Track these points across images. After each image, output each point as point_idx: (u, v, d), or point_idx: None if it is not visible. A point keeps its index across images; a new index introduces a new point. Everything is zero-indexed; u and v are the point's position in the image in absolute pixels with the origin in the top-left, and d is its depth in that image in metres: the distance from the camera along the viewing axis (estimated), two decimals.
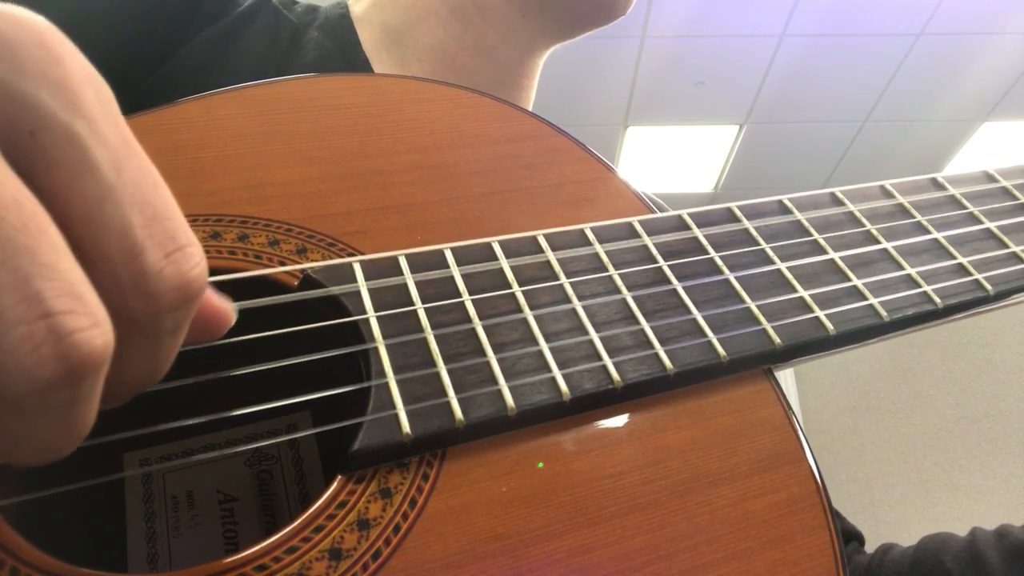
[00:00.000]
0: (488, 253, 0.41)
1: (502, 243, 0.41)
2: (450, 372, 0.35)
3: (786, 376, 3.34)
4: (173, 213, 0.23)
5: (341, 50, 0.65)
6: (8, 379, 0.19)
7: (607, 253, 0.42)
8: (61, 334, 0.19)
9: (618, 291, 0.40)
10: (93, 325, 0.20)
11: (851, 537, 0.62)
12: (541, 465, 0.35)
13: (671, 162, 4.22)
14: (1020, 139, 3.98)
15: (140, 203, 0.22)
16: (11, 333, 0.19)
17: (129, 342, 0.22)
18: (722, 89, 3.62)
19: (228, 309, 0.27)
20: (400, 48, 0.66)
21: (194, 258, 0.23)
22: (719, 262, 0.43)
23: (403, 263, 0.39)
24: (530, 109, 0.72)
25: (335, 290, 0.37)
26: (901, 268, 0.45)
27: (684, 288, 0.41)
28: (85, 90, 0.22)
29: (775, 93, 3.63)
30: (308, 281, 0.37)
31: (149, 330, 0.23)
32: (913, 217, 0.49)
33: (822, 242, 0.46)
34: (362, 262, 0.38)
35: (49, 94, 0.21)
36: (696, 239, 0.44)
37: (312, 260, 0.39)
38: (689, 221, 0.45)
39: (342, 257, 0.39)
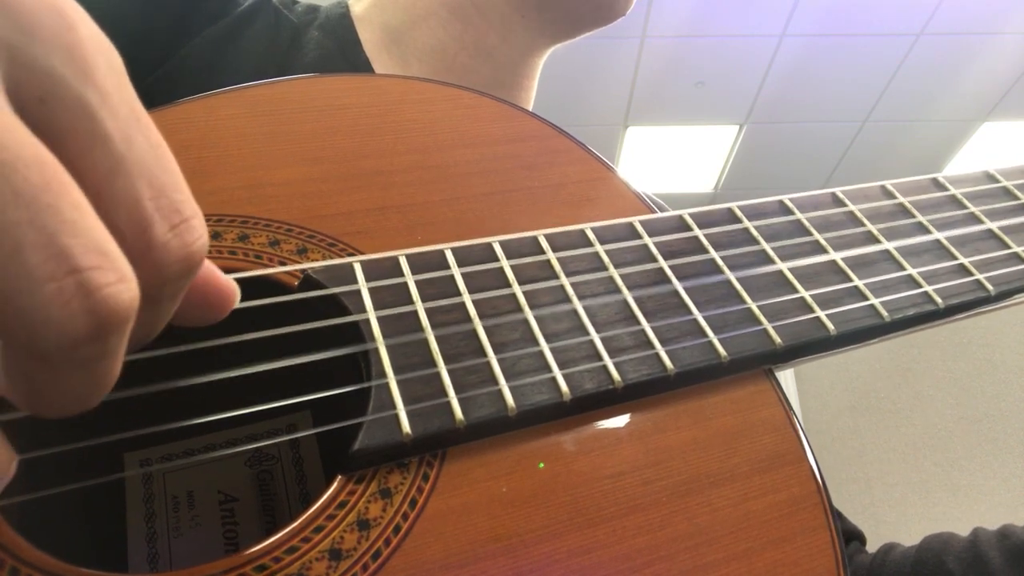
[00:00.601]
0: (489, 253, 0.40)
1: (503, 243, 0.41)
2: (450, 372, 0.35)
3: (786, 376, 3.34)
4: (179, 185, 0.23)
5: (341, 50, 0.65)
6: (39, 335, 0.19)
7: (608, 253, 0.42)
8: (90, 289, 0.19)
9: (619, 291, 0.40)
10: (120, 280, 0.20)
11: (852, 537, 0.62)
12: (542, 465, 0.35)
13: (671, 162, 4.22)
14: (1020, 139, 3.98)
15: (148, 176, 0.22)
16: (41, 290, 0.19)
17: None
18: (722, 89, 3.62)
19: (234, 288, 0.27)
20: (400, 48, 0.66)
21: (197, 230, 0.23)
22: (720, 262, 0.43)
23: (404, 263, 0.39)
24: (530, 109, 0.72)
25: (336, 290, 0.37)
26: (902, 268, 0.45)
27: (685, 288, 0.41)
28: (97, 59, 0.21)
29: (775, 93, 3.63)
30: (308, 281, 0.37)
31: (151, 297, 0.23)
32: (914, 217, 0.49)
33: (823, 242, 0.46)
34: (363, 262, 0.38)
35: (61, 60, 0.21)
36: (697, 239, 0.44)
37: (312, 260, 0.39)
38: (690, 221, 0.45)
39: (343, 257, 0.39)
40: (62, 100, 0.21)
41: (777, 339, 0.40)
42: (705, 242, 0.44)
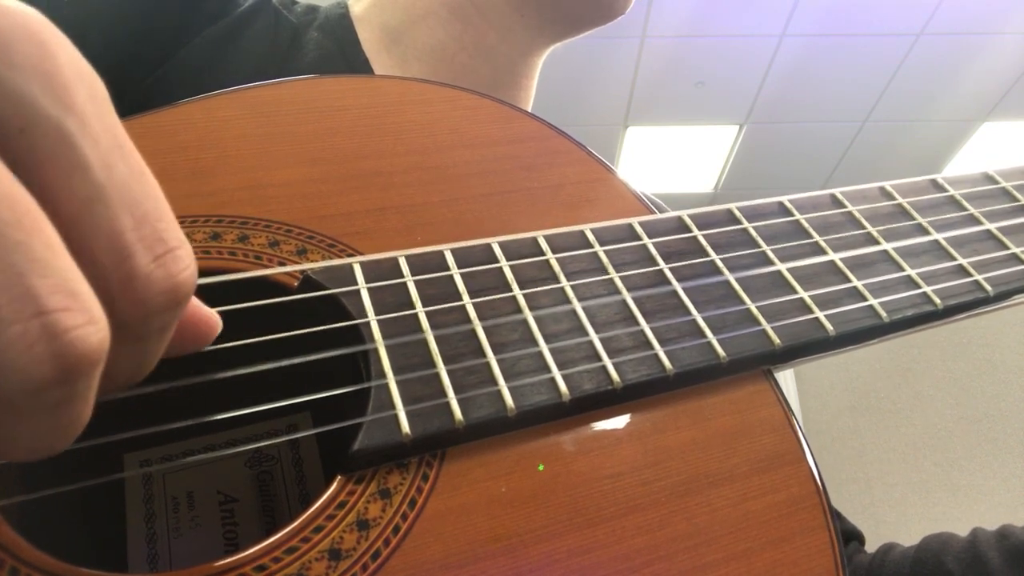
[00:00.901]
0: (488, 254, 0.41)
1: (502, 244, 0.41)
2: (450, 373, 0.35)
3: (786, 376, 3.34)
4: (163, 214, 0.22)
5: (341, 50, 0.65)
6: (2, 378, 0.19)
7: (607, 254, 0.42)
8: (56, 332, 0.19)
9: (618, 292, 0.40)
10: (88, 322, 0.20)
11: (851, 537, 0.62)
12: (542, 467, 0.35)
13: (671, 162, 4.22)
14: (1020, 139, 3.98)
15: (130, 204, 0.22)
16: (4, 332, 0.18)
17: (116, 342, 0.22)
18: (722, 89, 3.62)
19: (215, 317, 0.27)
20: (400, 48, 0.66)
21: (183, 260, 0.23)
22: (719, 263, 0.43)
23: (403, 264, 0.39)
24: (530, 109, 0.72)
25: (335, 291, 0.37)
26: (901, 269, 0.45)
27: (684, 289, 0.41)
28: (77, 86, 0.21)
29: (775, 93, 3.63)
30: (308, 282, 0.37)
31: (137, 331, 0.23)
32: (913, 218, 0.49)
33: (822, 243, 0.46)
34: (362, 263, 0.38)
35: (40, 89, 0.20)
36: (696, 240, 0.44)
37: (312, 261, 0.39)
38: (689, 222, 0.45)
39: (342, 258, 0.39)
40: (42, 129, 0.20)
41: (776, 340, 0.40)
42: (704, 243, 0.44)
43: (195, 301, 0.26)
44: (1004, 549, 0.52)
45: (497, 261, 0.40)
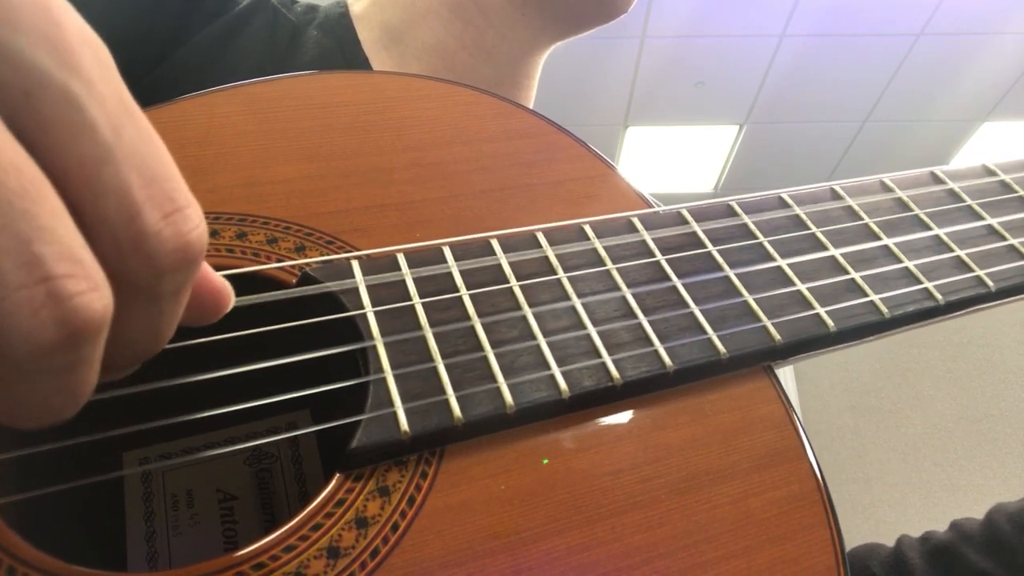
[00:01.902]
0: (487, 249, 0.40)
1: (501, 239, 0.41)
2: (448, 370, 0.35)
3: (786, 375, 3.34)
4: (172, 174, 0.23)
5: (340, 49, 0.64)
6: (8, 342, 0.19)
7: (606, 249, 0.42)
8: (60, 298, 0.19)
9: (617, 288, 0.40)
10: (92, 288, 0.20)
11: None
12: (546, 462, 0.34)
13: (671, 162, 4.22)
14: (1020, 139, 3.98)
15: (138, 165, 0.22)
16: (10, 297, 0.19)
17: (130, 306, 0.22)
18: (722, 89, 3.62)
19: (227, 289, 0.27)
20: (400, 47, 0.66)
21: (192, 219, 0.23)
22: (719, 258, 0.43)
23: (401, 260, 0.39)
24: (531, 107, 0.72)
25: (333, 287, 0.37)
26: (902, 264, 0.45)
27: (683, 285, 0.41)
28: (82, 50, 0.21)
29: (775, 93, 3.63)
30: (306, 278, 0.37)
31: (149, 293, 0.23)
32: (913, 212, 0.49)
33: (822, 238, 0.46)
34: (360, 259, 0.38)
35: (45, 53, 0.20)
36: (695, 234, 0.44)
37: (310, 258, 0.39)
38: (688, 216, 0.45)
39: (340, 254, 0.39)
40: (48, 93, 0.20)
41: (776, 336, 0.40)
42: (703, 237, 0.44)
43: (208, 271, 0.26)
44: (924, 551, 0.55)
45: (496, 256, 0.40)
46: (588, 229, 0.43)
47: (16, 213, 0.19)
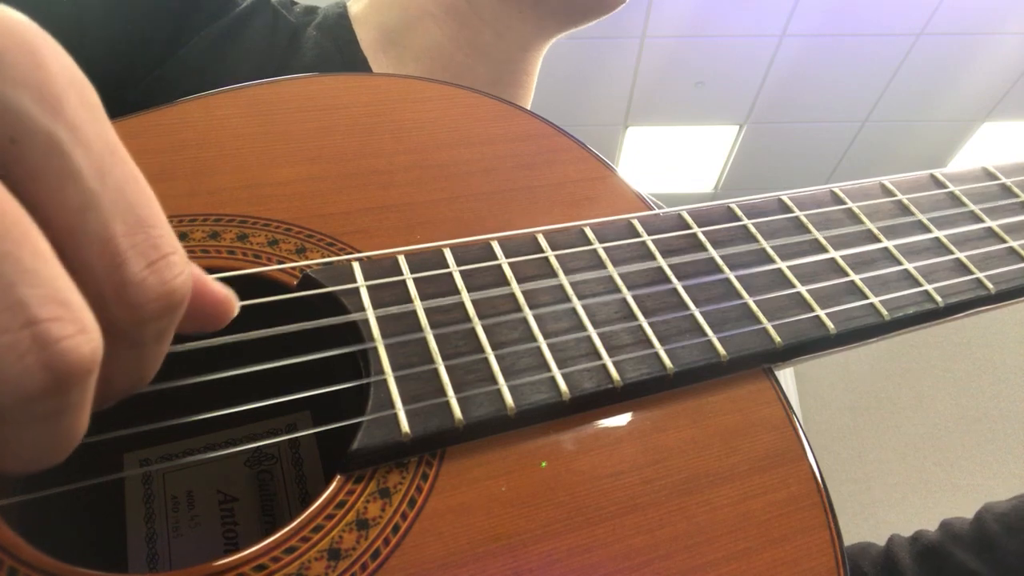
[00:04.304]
0: (487, 252, 0.40)
1: (501, 242, 0.41)
2: (449, 371, 0.35)
3: (786, 376, 3.34)
4: (157, 220, 0.22)
5: (339, 50, 0.64)
6: None
7: (606, 251, 0.42)
8: (46, 342, 0.19)
9: (618, 290, 0.40)
10: (80, 331, 0.19)
11: None
12: (544, 464, 0.35)
13: (671, 162, 4.21)
14: (1020, 139, 3.98)
15: (123, 211, 0.21)
16: None
17: (114, 349, 0.22)
18: (722, 89, 3.62)
19: (230, 297, 0.27)
20: (397, 49, 0.66)
21: (177, 266, 0.22)
22: (719, 261, 0.43)
23: (402, 262, 0.39)
24: (529, 106, 0.72)
25: (334, 289, 0.37)
26: (901, 266, 0.45)
27: (684, 287, 0.41)
28: (68, 94, 0.21)
29: (775, 93, 3.63)
30: (307, 280, 0.37)
31: (133, 338, 0.23)
32: (913, 215, 0.49)
33: (822, 240, 0.46)
34: (361, 261, 0.38)
35: (31, 99, 0.20)
36: (696, 237, 0.44)
37: (311, 259, 0.39)
38: (689, 219, 0.45)
39: (341, 256, 0.39)
40: (32, 139, 0.20)
41: (777, 338, 0.40)
42: (704, 240, 0.44)
43: (209, 282, 0.26)
44: (915, 552, 0.55)
45: (496, 259, 0.40)
46: (589, 231, 0.43)
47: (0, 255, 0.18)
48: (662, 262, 0.42)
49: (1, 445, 0.21)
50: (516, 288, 0.39)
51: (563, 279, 0.40)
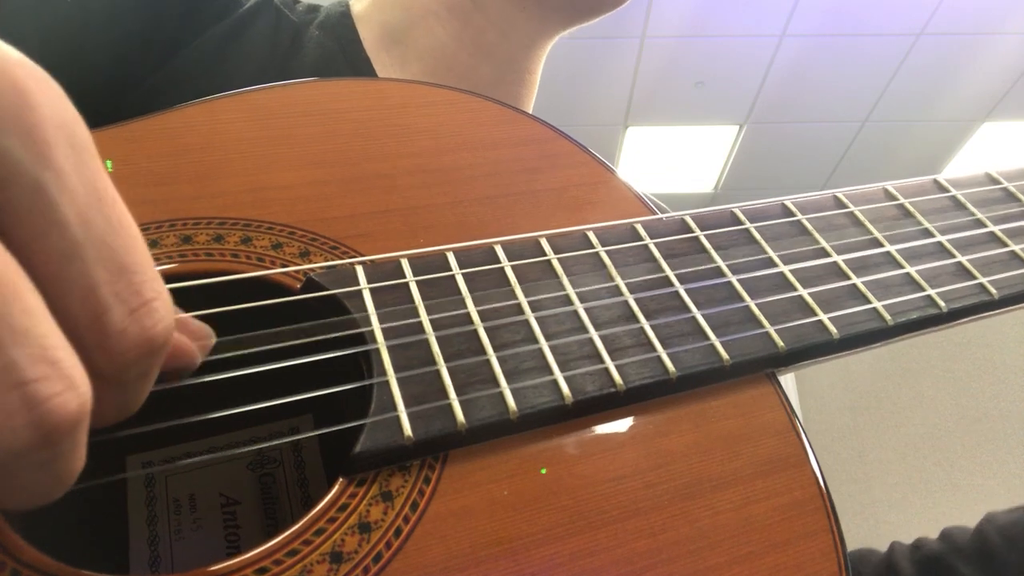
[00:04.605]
0: (490, 255, 0.40)
1: (504, 245, 0.41)
2: (452, 374, 0.35)
3: (786, 376, 3.33)
4: (140, 266, 0.22)
5: (342, 49, 0.64)
6: None
7: (609, 255, 0.42)
8: (35, 402, 0.19)
9: (620, 294, 0.40)
10: (67, 388, 0.20)
11: None
12: (544, 471, 0.35)
13: (671, 162, 4.22)
14: (1020, 139, 3.98)
15: (106, 257, 0.22)
16: None
17: (99, 389, 0.22)
18: (722, 89, 3.62)
19: (194, 351, 0.27)
20: (400, 48, 0.66)
21: (158, 312, 0.23)
22: (722, 265, 0.43)
23: (405, 265, 0.39)
24: (532, 105, 0.72)
25: (337, 292, 0.37)
26: (904, 271, 0.45)
27: (687, 291, 0.41)
28: (57, 138, 0.21)
29: (775, 93, 3.63)
30: (311, 283, 0.37)
31: (116, 380, 0.23)
32: (916, 220, 0.49)
33: (825, 245, 0.46)
34: (364, 264, 0.38)
35: (19, 143, 0.20)
36: (698, 241, 0.44)
37: (315, 262, 0.39)
38: (692, 224, 0.45)
39: (345, 260, 0.39)
40: (19, 185, 0.20)
41: (780, 342, 0.40)
42: (707, 244, 0.44)
43: (181, 325, 0.26)
44: (916, 560, 0.55)
45: (499, 262, 0.40)
46: (591, 235, 0.43)
47: None
48: (665, 266, 0.42)
49: (2, 490, 0.21)
50: (519, 291, 0.39)
51: (566, 282, 0.40)
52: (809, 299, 0.42)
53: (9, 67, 0.20)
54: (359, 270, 0.38)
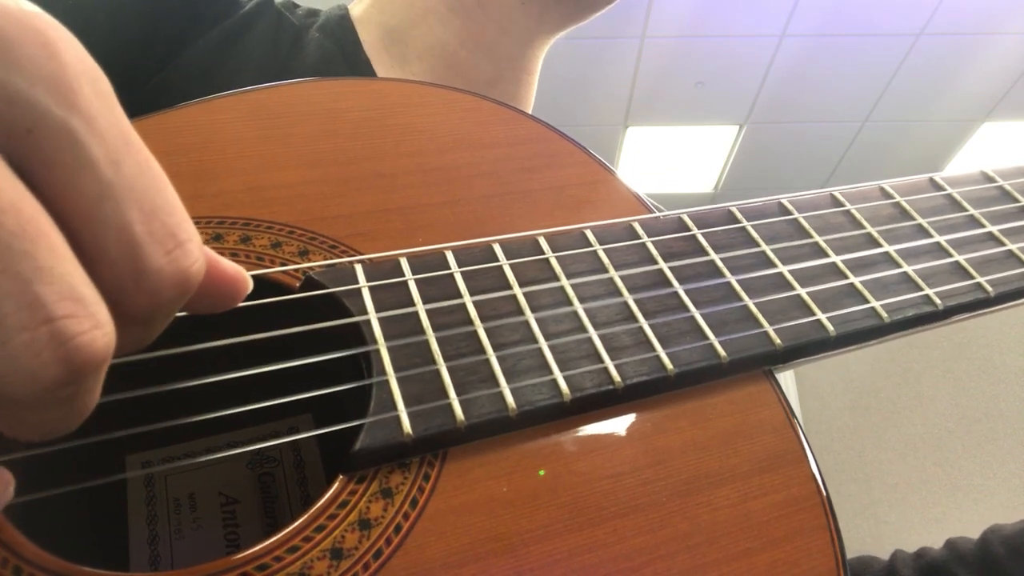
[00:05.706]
0: (489, 254, 0.41)
1: (503, 244, 0.41)
2: (451, 373, 0.35)
3: (786, 376, 3.34)
4: (173, 208, 0.23)
5: (342, 50, 0.65)
6: (11, 383, 0.19)
7: (607, 254, 0.42)
8: (63, 339, 0.19)
9: (619, 292, 0.41)
10: (94, 327, 0.20)
11: None
12: (542, 473, 0.35)
13: (671, 162, 4.21)
14: (1020, 139, 3.98)
15: (139, 199, 0.22)
16: (13, 340, 0.19)
17: (123, 326, 0.23)
18: (722, 89, 3.62)
19: (242, 276, 0.27)
20: (400, 47, 0.66)
21: (193, 254, 0.23)
22: (720, 264, 0.43)
23: (404, 264, 0.39)
24: (532, 104, 0.72)
25: (337, 291, 0.37)
26: (901, 269, 0.45)
27: (685, 290, 0.41)
28: (82, 84, 0.21)
29: (775, 93, 3.63)
30: (310, 282, 0.37)
31: (145, 320, 0.23)
32: (913, 218, 0.49)
33: (822, 244, 0.46)
34: (363, 263, 0.39)
35: (45, 90, 0.20)
36: (696, 240, 0.44)
37: (314, 262, 0.39)
38: (689, 222, 0.45)
39: (344, 259, 0.39)
40: (47, 130, 0.20)
41: (777, 340, 0.40)
42: (704, 243, 0.44)
43: (221, 263, 0.26)
44: (918, 568, 0.55)
45: (498, 261, 0.40)
46: (590, 234, 0.43)
47: (15, 254, 0.19)
48: (663, 264, 0.42)
49: (20, 422, 0.22)
50: (517, 290, 0.39)
51: (564, 281, 0.40)
52: (806, 297, 0.42)
53: (31, 19, 0.21)
54: (358, 269, 0.38)
